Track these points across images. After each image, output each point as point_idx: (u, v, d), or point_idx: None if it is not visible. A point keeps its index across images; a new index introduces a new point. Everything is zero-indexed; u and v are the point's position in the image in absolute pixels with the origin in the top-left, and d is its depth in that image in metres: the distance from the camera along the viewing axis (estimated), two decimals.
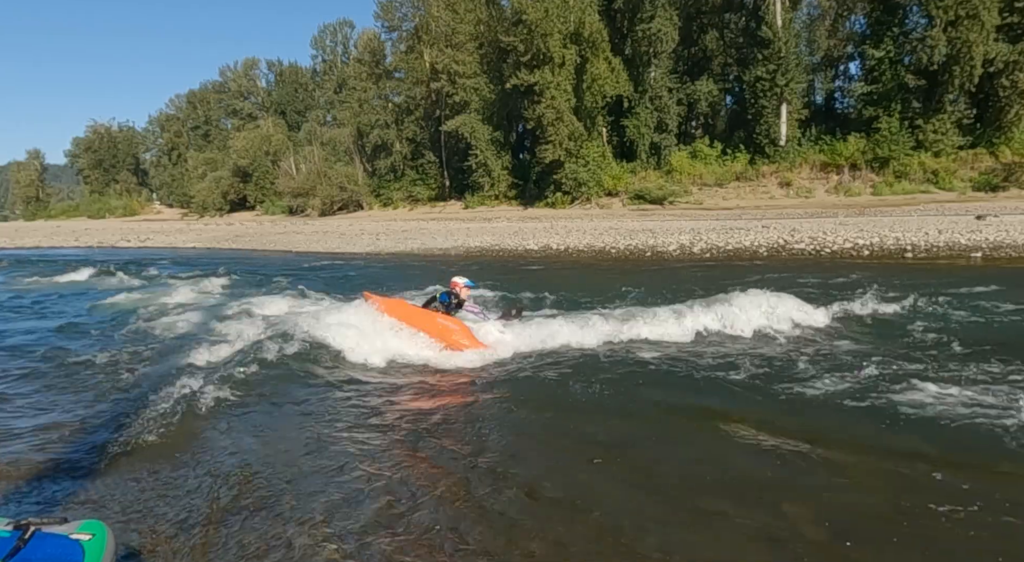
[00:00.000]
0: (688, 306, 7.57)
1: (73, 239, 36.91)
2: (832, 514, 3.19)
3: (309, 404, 5.18)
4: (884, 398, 4.72)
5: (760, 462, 3.82)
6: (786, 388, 5.09)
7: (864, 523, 3.10)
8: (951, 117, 28.81)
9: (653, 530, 3.12)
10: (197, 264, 19.06)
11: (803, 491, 3.46)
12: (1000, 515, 3.10)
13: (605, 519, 3.23)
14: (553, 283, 11.61)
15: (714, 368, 5.73)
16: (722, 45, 37.68)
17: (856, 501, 3.31)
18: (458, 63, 39.77)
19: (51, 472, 3.89)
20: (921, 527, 3.04)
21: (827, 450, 3.92)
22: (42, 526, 1.97)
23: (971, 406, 4.48)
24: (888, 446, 3.92)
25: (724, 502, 3.34)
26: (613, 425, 4.56)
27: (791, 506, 3.29)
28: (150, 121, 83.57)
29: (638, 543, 3.01)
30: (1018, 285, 9.60)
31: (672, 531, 3.11)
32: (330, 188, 50.32)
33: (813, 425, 4.33)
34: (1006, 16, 26.95)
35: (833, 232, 16.99)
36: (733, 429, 4.34)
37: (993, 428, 4.12)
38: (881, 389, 4.92)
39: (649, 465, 3.86)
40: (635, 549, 2.96)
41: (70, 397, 5.44)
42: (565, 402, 5.03)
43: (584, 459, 3.98)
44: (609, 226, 24.35)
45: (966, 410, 4.43)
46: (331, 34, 65.42)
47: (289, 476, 3.79)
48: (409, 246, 22.11)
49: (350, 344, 6.46)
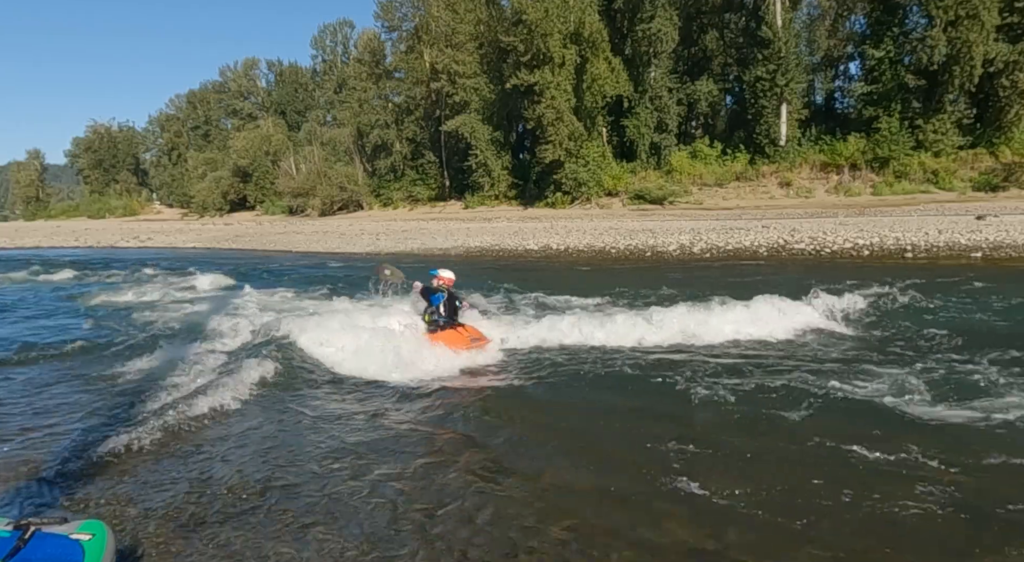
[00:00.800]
0: (688, 306, 7.57)
1: (73, 239, 36.90)
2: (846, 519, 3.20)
3: (309, 406, 5.19)
4: (881, 397, 4.72)
5: (761, 460, 3.82)
6: (787, 388, 5.08)
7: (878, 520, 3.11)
8: (951, 117, 28.80)
9: (653, 531, 3.12)
10: (197, 264, 19.05)
11: (806, 491, 3.46)
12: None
13: (605, 518, 3.24)
14: (553, 283, 11.60)
15: (714, 367, 5.73)
16: (722, 45, 37.67)
17: (861, 501, 3.32)
18: (458, 63, 39.76)
19: (51, 472, 3.88)
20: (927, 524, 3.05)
21: (828, 450, 3.93)
22: (42, 526, 1.98)
23: (971, 405, 4.49)
24: (884, 443, 3.93)
25: (723, 499, 3.34)
26: (614, 424, 4.56)
27: (796, 506, 3.29)
28: (150, 121, 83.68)
29: (638, 542, 3.01)
30: (1018, 285, 9.60)
31: (673, 531, 3.11)
32: (330, 188, 50.30)
33: (814, 426, 4.33)
34: (1006, 16, 26.93)
35: (833, 232, 16.99)
36: (732, 427, 4.35)
37: (992, 427, 4.12)
38: (878, 388, 4.92)
39: (651, 465, 3.86)
40: (636, 548, 2.97)
41: (70, 397, 5.43)
42: (565, 402, 5.03)
43: (584, 459, 3.98)
44: (609, 226, 24.34)
45: (966, 409, 4.43)
46: (331, 34, 65.42)
47: (289, 477, 3.79)
48: (409, 246, 22.11)
49: (350, 348, 6.42)
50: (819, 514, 3.20)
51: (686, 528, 3.13)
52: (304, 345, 6.50)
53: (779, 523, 3.13)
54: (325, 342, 6.50)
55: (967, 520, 3.09)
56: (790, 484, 3.52)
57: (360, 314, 7.38)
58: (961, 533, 3.00)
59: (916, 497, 3.30)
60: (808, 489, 3.46)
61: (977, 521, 3.08)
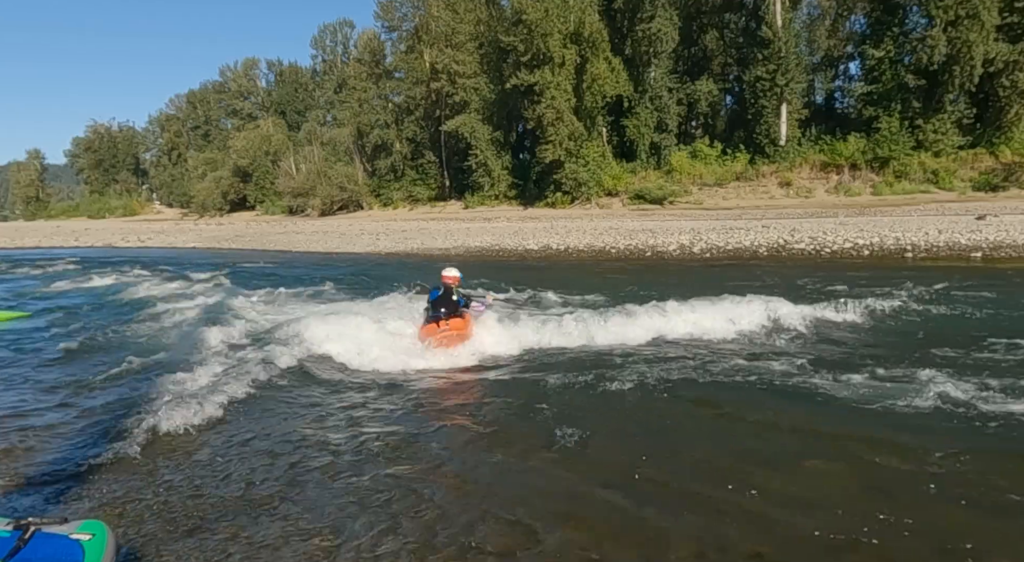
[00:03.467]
0: (687, 306, 7.58)
1: (73, 239, 36.90)
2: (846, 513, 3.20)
3: (309, 407, 5.18)
4: (878, 395, 4.71)
5: (764, 459, 3.82)
6: (788, 387, 5.09)
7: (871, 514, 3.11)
8: (951, 117, 28.80)
9: (653, 530, 3.12)
10: (197, 264, 19.05)
11: (812, 491, 3.46)
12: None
13: (604, 517, 3.24)
14: (553, 283, 11.59)
15: (713, 366, 5.73)
16: (722, 45, 37.67)
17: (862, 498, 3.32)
18: (458, 63, 39.76)
19: (51, 472, 3.88)
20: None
21: (828, 450, 3.93)
22: (42, 526, 1.97)
23: (971, 405, 4.48)
24: (881, 442, 3.93)
25: (721, 496, 3.34)
26: (614, 426, 4.56)
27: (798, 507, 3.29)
28: (150, 121, 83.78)
29: (637, 542, 3.01)
30: (1018, 285, 9.60)
31: (673, 531, 3.11)
32: (330, 188, 50.32)
33: (816, 426, 4.33)
34: (1006, 16, 26.94)
35: (833, 232, 16.98)
36: (729, 424, 4.35)
37: (993, 425, 4.12)
38: (875, 387, 4.92)
39: (651, 465, 3.86)
40: (636, 548, 2.97)
41: (70, 398, 5.43)
42: (563, 402, 5.03)
43: (583, 457, 3.98)
44: (609, 226, 24.34)
45: (966, 409, 4.43)
46: (331, 34, 65.36)
47: (289, 477, 3.79)
48: (409, 246, 22.11)
49: (350, 350, 6.43)
50: (839, 516, 3.20)
51: (691, 526, 3.13)
52: (304, 345, 6.50)
53: (785, 522, 3.13)
54: (325, 342, 6.52)
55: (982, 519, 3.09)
56: (803, 483, 3.53)
57: (362, 315, 7.39)
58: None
59: (928, 498, 3.30)
60: (816, 489, 3.47)
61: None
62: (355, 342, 6.51)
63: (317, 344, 6.50)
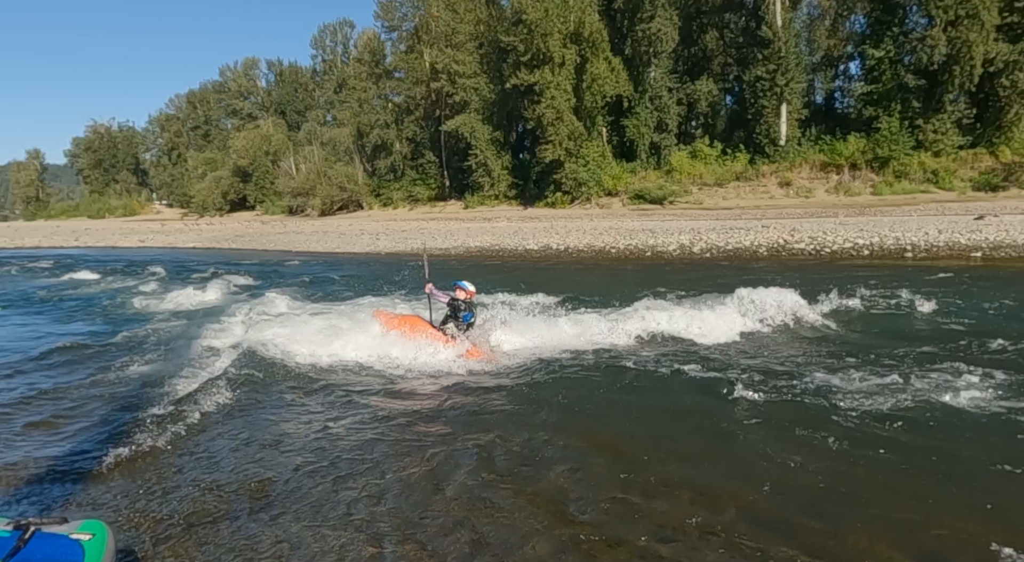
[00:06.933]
0: (688, 306, 7.58)
1: (73, 239, 36.90)
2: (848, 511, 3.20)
3: (309, 408, 5.18)
4: (878, 395, 4.72)
5: (767, 458, 3.82)
6: (787, 387, 5.08)
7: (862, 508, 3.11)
8: (951, 117, 28.80)
9: (652, 530, 3.12)
10: (197, 264, 19.06)
11: (816, 492, 3.46)
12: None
13: (602, 516, 3.24)
14: (553, 283, 11.59)
15: (711, 365, 5.73)
16: (722, 45, 37.66)
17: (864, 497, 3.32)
18: (458, 63, 39.76)
19: (51, 472, 3.89)
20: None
21: (830, 450, 3.93)
22: (42, 526, 1.97)
23: (971, 404, 4.49)
24: (881, 442, 3.93)
25: (719, 491, 3.35)
26: (613, 425, 4.56)
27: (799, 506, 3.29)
28: (150, 121, 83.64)
29: (639, 543, 3.01)
30: (1018, 285, 9.60)
31: (674, 531, 3.11)
32: (330, 188, 50.34)
33: (816, 425, 4.33)
34: (1006, 16, 26.94)
35: (833, 232, 16.98)
36: (729, 423, 4.35)
37: (992, 425, 4.12)
38: (875, 387, 4.92)
39: (655, 464, 3.86)
40: (638, 548, 2.97)
41: (70, 398, 5.43)
42: (563, 401, 5.03)
43: (583, 457, 3.98)
44: (609, 226, 24.34)
45: (965, 408, 4.43)
46: (331, 34, 65.37)
47: (288, 477, 3.79)
48: (409, 246, 22.10)
49: (350, 352, 6.42)
50: (839, 514, 3.20)
51: (690, 520, 3.13)
52: (304, 345, 6.49)
53: (789, 521, 3.13)
54: (324, 342, 6.51)
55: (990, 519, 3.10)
56: (802, 481, 3.53)
57: (349, 316, 7.35)
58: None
59: (928, 497, 3.30)
60: (816, 488, 3.47)
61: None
62: (355, 342, 6.51)
63: (317, 344, 6.49)
